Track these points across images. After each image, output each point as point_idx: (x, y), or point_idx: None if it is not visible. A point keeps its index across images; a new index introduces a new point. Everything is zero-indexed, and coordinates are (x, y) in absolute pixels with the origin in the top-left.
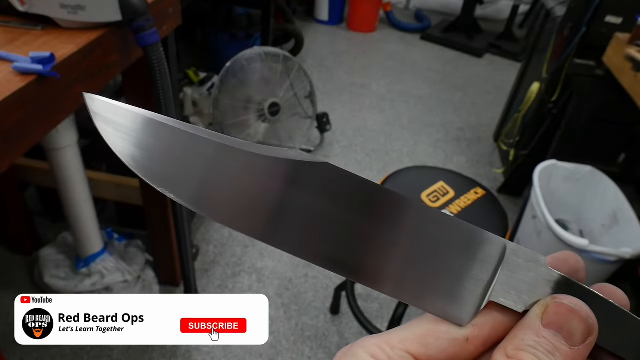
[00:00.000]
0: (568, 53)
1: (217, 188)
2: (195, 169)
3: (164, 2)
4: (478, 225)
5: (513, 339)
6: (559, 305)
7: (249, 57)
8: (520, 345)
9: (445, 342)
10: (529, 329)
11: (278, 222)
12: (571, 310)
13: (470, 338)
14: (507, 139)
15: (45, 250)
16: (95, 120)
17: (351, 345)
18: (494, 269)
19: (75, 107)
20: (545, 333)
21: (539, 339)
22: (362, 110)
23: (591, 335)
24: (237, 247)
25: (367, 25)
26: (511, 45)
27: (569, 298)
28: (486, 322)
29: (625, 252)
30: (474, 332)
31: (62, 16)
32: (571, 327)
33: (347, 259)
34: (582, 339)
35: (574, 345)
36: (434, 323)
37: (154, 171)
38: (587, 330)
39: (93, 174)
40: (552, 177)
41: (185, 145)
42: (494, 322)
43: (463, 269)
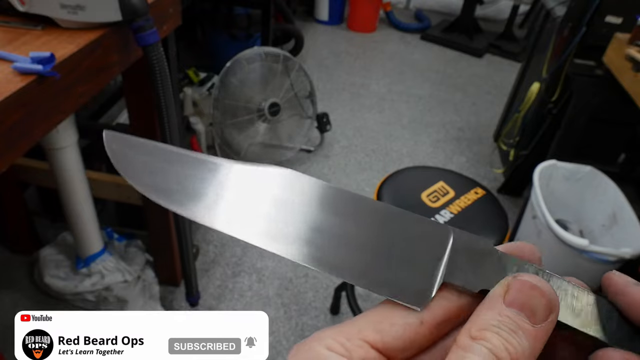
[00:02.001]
0: (568, 53)
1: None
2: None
3: (164, 2)
4: (478, 225)
5: (476, 320)
6: (520, 282)
7: (249, 57)
8: (483, 325)
9: (400, 328)
10: (492, 309)
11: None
12: (533, 287)
13: (424, 321)
14: (507, 139)
15: (45, 250)
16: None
17: (307, 339)
18: (446, 253)
19: (75, 107)
20: (508, 312)
21: (502, 317)
22: (362, 110)
23: (553, 312)
24: (237, 247)
25: (367, 25)
26: (511, 45)
27: (529, 275)
28: (440, 304)
29: (625, 252)
30: (427, 315)
31: (62, 16)
32: (533, 305)
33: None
34: (544, 315)
35: (536, 323)
36: (389, 309)
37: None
38: (548, 306)
39: (93, 174)
40: (552, 177)
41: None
42: (449, 304)
43: (415, 254)
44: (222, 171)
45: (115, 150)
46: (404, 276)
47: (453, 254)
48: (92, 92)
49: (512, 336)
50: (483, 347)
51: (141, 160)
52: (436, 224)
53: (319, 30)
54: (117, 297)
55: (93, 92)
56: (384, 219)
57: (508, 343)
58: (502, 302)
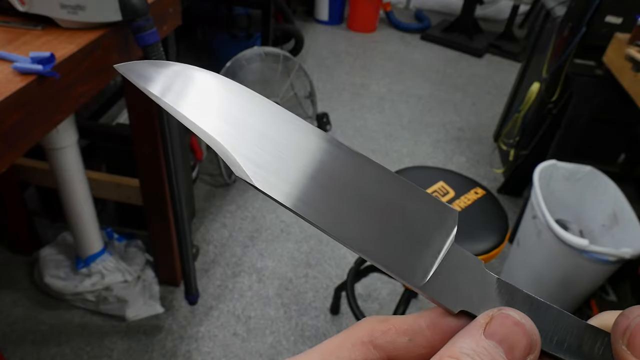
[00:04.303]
0: (568, 53)
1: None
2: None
3: (164, 2)
4: (478, 226)
5: (451, 346)
6: (504, 316)
7: (249, 57)
8: (456, 353)
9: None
10: (470, 337)
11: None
12: (516, 324)
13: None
14: (507, 139)
15: (45, 250)
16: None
17: None
18: (451, 236)
19: (75, 107)
20: (486, 343)
21: (477, 347)
22: (362, 110)
23: (532, 353)
24: (237, 247)
25: (367, 25)
26: (511, 45)
27: (515, 311)
28: (388, 341)
29: (625, 252)
30: (373, 355)
31: (62, 16)
32: (513, 341)
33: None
34: (522, 354)
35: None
36: (339, 343)
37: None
38: (529, 345)
39: (93, 174)
40: (552, 177)
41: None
42: (395, 342)
43: (420, 229)
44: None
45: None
46: (404, 248)
47: (443, 262)
48: (92, 92)
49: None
50: None
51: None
52: (444, 204)
53: (319, 30)
54: (117, 297)
55: (93, 92)
56: (390, 184)
57: None
58: (482, 332)
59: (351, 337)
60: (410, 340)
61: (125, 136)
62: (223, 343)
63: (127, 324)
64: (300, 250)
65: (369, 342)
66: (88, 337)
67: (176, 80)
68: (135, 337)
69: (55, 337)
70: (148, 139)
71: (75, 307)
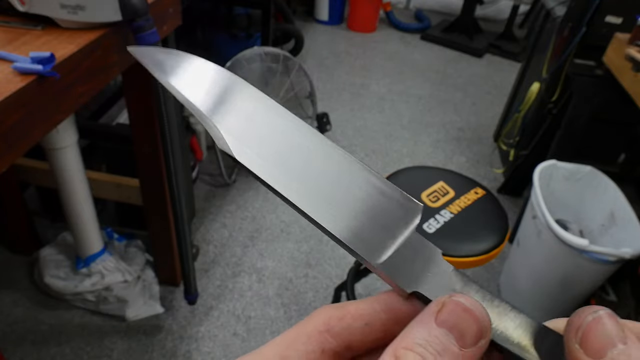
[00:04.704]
0: (568, 53)
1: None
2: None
3: (164, 2)
4: (478, 225)
5: (405, 336)
6: (455, 303)
7: (249, 57)
8: (410, 343)
9: (303, 355)
10: (422, 326)
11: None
12: (466, 310)
13: (325, 350)
14: (507, 139)
15: (45, 250)
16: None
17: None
18: (410, 230)
19: (75, 107)
20: (438, 332)
21: (430, 337)
22: (362, 110)
23: (483, 338)
24: (237, 247)
25: (367, 25)
26: (511, 45)
27: (466, 297)
28: (340, 334)
29: (625, 252)
30: (329, 343)
31: (62, 16)
32: (464, 328)
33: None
34: (473, 340)
35: (464, 347)
36: (294, 336)
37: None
38: (479, 331)
39: (93, 174)
40: (552, 177)
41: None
42: (350, 335)
43: (383, 212)
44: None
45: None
46: (368, 230)
47: (402, 247)
48: (92, 92)
49: (436, 358)
50: None
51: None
52: (411, 199)
53: (319, 30)
54: (117, 297)
55: (93, 92)
56: (364, 175)
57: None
58: (434, 320)
59: (307, 328)
60: (366, 324)
61: (125, 136)
62: (223, 343)
63: (127, 324)
64: (300, 250)
65: (325, 331)
66: (88, 337)
67: (178, 62)
68: (135, 337)
69: (55, 337)
70: (148, 139)
71: (75, 307)
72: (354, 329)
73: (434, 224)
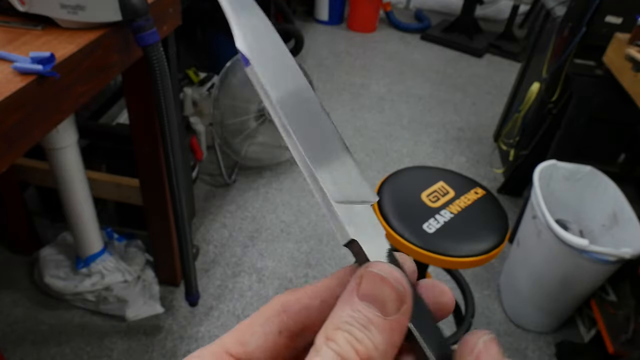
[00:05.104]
0: (568, 53)
1: None
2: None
3: (164, 2)
4: (478, 225)
5: (334, 317)
6: (370, 274)
7: None
8: (337, 323)
9: (260, 336)
10: (347, 304)
11: None
12: (382, 279)
13: (282, 330)
14: (507, 139)
15: (45, 250)
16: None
17: (190, 356)
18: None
19: (75, 107)
20: (360, 306)
21: (354, 313)
22: (362, 110)
23: (405, 303)
24: (237, 247)
25: (367, 25)
26: (511, 45)
27: (379, 265)
28: (299, 313)
29: (625, 252)
30: (287, 324)
31: (62, 16)
32: (384, 297)
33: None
34: (395, 307)
35: (387, 315)
36: (253, 320)
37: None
38: (399, 298)
39: (93, 174)
40: (552, 177)
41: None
42: (308, 312)
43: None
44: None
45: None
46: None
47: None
48: (92, 92)
49: (364, 332)
50: (330, 349)
51: None
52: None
53: (319, 30)
54: (117, 297)
55: (93, 92)
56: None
57: (357, 341)
58: (356, 295)
59: (264, 313)
60: (322, 301)
61: (125, 136)
62: None
63: (127, 324)
64: (300, 250)
65: (282, 312)
66: (88, 337)
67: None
68: (135, 337)
69: (55, 337)
70: (148, 139)
71: (75, 307)
72: (312, 308)
73: (434, 224)
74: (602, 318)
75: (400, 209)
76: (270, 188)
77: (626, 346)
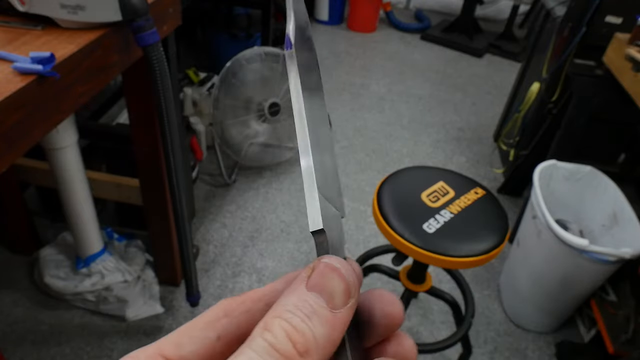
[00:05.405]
0: (568, 53)
1: None
2: None
3: (164, 2)
4: (478, 225)
5: (277, 305)
6: (324, 265)
7: (249, 57)
8: (279, 311)
9: (197, 341)
10: (294, 293)
11: None
12: (333, 269)
13: (221, 336)
14: (507, 139)
15: (45, 250)
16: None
17: (126, 356)
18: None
19: (75, 107)
20: (308, 296)
21: (299, 302)
22: (362, 110)
23: (352, 297)
24: (237, 247)
25: (367, 25)
26: (511, 45)
27: (334, 258)
28: (238, 321)
29: (625, 252)
30: (227, 329)
31: (62, 16)
32: (332, 288)
33: None
34: (343, 300)
35: (335, 308)
36: (193, 324)
37: None
38: (347, 290)
39: (93, 174)
40: (552, 177)
41: None
42: (251, 312)
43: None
44: None
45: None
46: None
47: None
48: (92, 92)
49: (305, 322)
50: (264, 340)
51: None
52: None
53: (319, 30)
54: (117, 297)
55: (93, 92)
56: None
57: (296, 332)
58: (305, 285)
59: (205, 317)
60: (266, 305)
61: (125, 136)
62: None
63: (127, 324)
64: (300, 250)
65: (223, 317)
66: (88, 337)
67: None
68: (135, 337)
69: (55, 337)
70: (148, 139)
71: (75, 307)
72: (255, 312)
73: (434, 224)
74: (602, 318)
75: (400, 209)
76: (270, 188)
77: (626, 346)
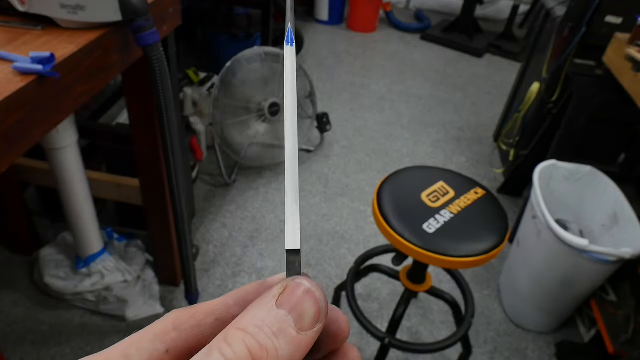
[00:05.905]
0: (568, 53)
1: None
2: None
3: (164, 2)
4: (478, 226)
5: (243, 317)
6: (297, 285)
7: (249, 57)
8: (245, 324)
9: (145, 353)
10: (262, 307)
11: None
12: (307, 292)
13: (170, 349)
14: (507, 139)
15: (45, 250)
16: None
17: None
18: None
19: (75, 107)
20: (276, 313)
21: (267, 318)
22: (362, 110)
23: (320, 322)
24: (237, 247)
25: (367, 25)
26: (511, 45)
27: (308, 280)
28: (190, 333)
29: (625, 252)
30: (176, 343)
31: (62, 16)
32: (303, 309)
33: None
34: (311, 323)
35: (302, 330)
36: (142, 334)
37: None
38: (317, 315)
39: (93, 174)
40: (552, 177)
41: None
42: (199, 332)
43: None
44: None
45: None
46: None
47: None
48: (92, 92)
49: (271, 340)
50: (221, 356)
51: None
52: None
53: (319, 30)
54: (117, 297)
55: (93, 92)
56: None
57: (260, 348)
58: (275, 302)
59: (154, 329)
60: (217, 319)
61: (125, 136)
62: None
63: (127, 324)
64: None
65: (172, 330)
66: (88, 337)
67: None
68: None
69: (55, 337)
70: (148, 139)
71: (75, 307)
72: (205, 325)
73: (434, 224)
74: (602, 318)
75: (400, 209)
76: (270, 188)
77: (626, 346)
